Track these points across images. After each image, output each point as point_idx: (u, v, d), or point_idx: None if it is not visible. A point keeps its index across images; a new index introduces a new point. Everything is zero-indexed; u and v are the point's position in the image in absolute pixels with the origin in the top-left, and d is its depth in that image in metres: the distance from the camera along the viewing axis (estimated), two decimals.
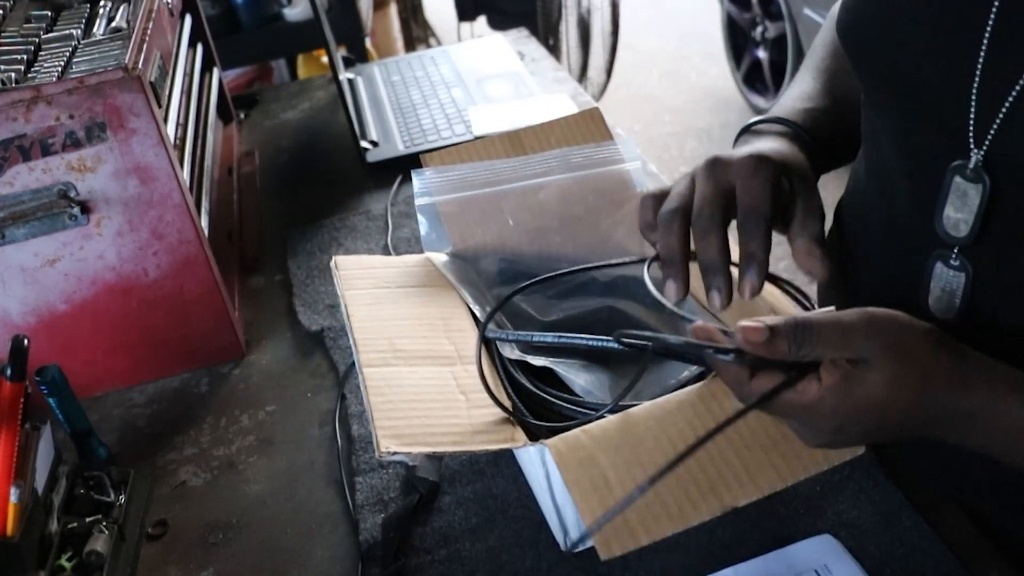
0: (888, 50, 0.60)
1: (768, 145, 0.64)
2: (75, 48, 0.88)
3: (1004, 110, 0.52)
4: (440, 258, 0.82)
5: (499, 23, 3.04)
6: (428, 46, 3.16)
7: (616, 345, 0.68)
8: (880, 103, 0.63)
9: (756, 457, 0.59)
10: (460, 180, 0.84)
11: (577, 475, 0.57)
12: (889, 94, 0.61)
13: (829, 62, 0.77)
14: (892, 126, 0.62)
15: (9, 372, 0.69)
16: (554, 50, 3.04)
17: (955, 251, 0.58)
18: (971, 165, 0.55)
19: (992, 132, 0.53)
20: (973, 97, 0.54)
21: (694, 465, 0.59)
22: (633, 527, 0.55)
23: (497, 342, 0.74)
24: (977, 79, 0.54)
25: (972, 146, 0.54)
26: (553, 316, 0.80)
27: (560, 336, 0.68)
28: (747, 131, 0.70)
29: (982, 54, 0.53)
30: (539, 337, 0.69)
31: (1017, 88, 0.51)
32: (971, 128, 0.54)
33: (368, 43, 2.32)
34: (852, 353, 0.49)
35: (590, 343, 0.68)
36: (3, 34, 0.92)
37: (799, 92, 0.74)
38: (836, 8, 0.81)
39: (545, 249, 0.84)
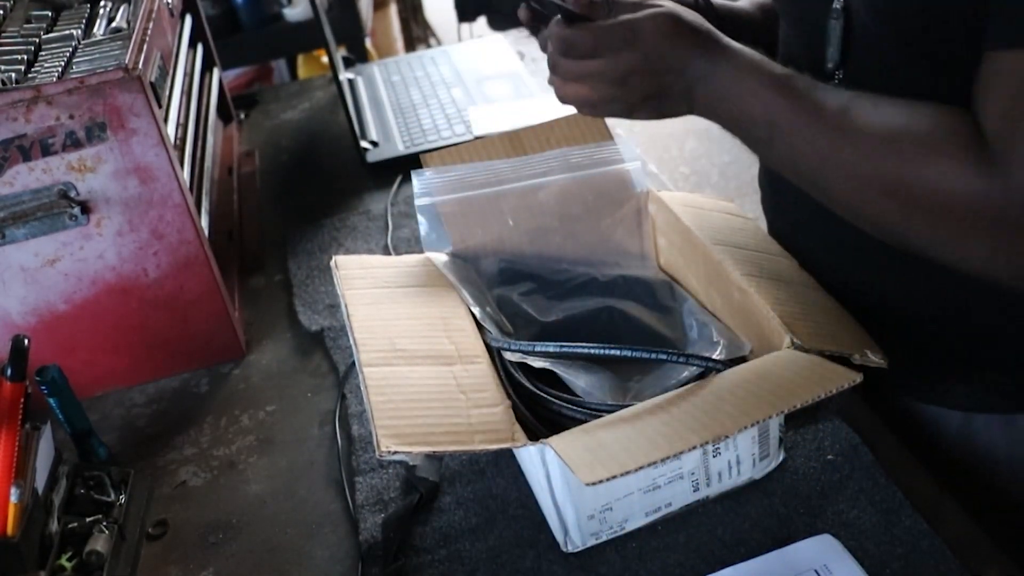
0: None
1: None
2: (75, 48, 0.88)
3: None
4: (440, 258, 0.82)
5: (499, 24, 3.04)
6: (428, 46, 3.15)
7: (617, 351, 0.69)
8: None
9: (740, 398, 0.61)
10: (460, 180, 0.84)
11: (576, 456, 0.58)
12: None
13: None
14: None
15: (9, 372, 0.69)
16: None
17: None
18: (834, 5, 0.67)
19: None
20: None
21: (679, 407, 0.61)
22: (615, 456, 0.57)
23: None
24: None
25: None
26: (553, 317, 0.80)
27: (562, 346, 0.69)
28: None
29: None
30: (541, 347, 0.70)
31: None
32: None
33: (368, 43, 2.32)
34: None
35: (591, 351, 0.69)
36: (3, 34, 0.92)
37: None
38: None
39: (545, 249, 0.84)
